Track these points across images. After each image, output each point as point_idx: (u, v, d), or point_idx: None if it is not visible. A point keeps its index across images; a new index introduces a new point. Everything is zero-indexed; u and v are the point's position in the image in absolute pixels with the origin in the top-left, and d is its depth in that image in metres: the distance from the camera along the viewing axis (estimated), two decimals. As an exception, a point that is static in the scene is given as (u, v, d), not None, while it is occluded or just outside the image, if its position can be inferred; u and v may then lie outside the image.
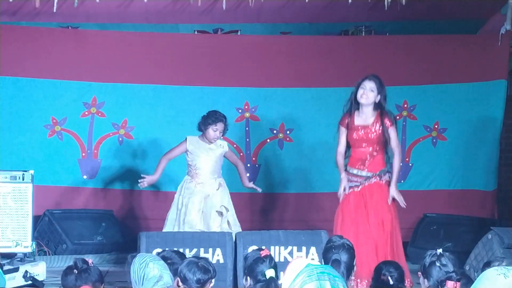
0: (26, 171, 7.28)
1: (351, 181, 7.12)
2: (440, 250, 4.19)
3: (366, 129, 7.16)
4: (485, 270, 4.05)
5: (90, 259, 4.77)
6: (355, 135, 7.17)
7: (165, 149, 9.35)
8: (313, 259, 6.81)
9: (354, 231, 6.91)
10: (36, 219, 8.03)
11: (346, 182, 7.12)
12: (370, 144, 7.15)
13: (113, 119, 9.41)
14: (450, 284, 4.10)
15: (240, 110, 9.44)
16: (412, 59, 9.44)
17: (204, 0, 8.28)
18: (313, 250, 6.93)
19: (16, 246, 7.15)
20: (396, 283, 4.68)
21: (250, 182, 8.00)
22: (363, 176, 7.11)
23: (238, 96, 9.46)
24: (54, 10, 8.10)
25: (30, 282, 6.92)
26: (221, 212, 7.60)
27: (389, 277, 4.68)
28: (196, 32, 9.66)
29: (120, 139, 9.41)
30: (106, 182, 9.37)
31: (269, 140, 9.52)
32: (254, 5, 8.16)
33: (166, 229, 7.58)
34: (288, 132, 9.50)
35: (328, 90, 9.41)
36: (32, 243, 7.23)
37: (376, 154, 7.14)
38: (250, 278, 4.67)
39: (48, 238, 8.74)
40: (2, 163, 8.58)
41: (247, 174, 9.21)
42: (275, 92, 9.48)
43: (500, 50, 9.17)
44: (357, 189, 7.09)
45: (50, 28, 9.36)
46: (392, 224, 7.00)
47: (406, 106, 9.48)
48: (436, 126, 9.48)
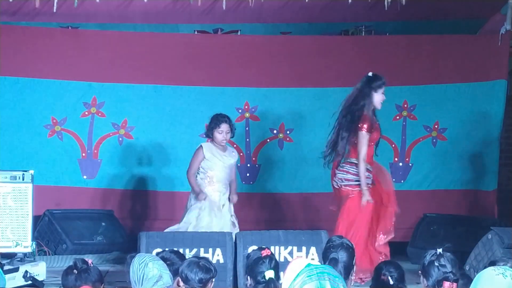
0: (26, 171, 7.26)
1: (368, 177, 7.32)
2: (440, 250, 4.19)
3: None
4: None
5: (90, 259, 4.76)
6: (376, 135, 7.46)
7: (165, 149, 9.37)
8: (313, 259, 6.81)
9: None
10: (36, 219, 8.01)
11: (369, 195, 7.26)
12: None
13: (113, 119, 9.40)
14: (447, 284, 4.10)
15: (240, 110, 9.44)
16: (412, 59, 9.44)
17: (204, 0, 8.28)
18: (313, 250, 6.93)
19: (16, 246, 7.14)
20: (396, 283, 4.68)
21: (233, 199, 7.73)
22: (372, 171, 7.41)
23: (238, 96, 9.45)
24: (54, 10, 8.09)
25: (30, 282, 6.91)
26: (234, 222, 7.58)
27: (389, 277, 4.68)
28: (196, 32, 9.66)
29: (120, 139, 9.41)
30: (106, 182, 9.36)
31: (269, 140, 9.52)
32: (254, 5, 8.16)
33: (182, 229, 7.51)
34: (288, 132, 9.50)
35: (328, 90, 9.41)
36: (32, 243, 7.22)
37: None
38: (250, 278, 4.67)
39: (48, 238, 8.74)
40: (2, 163, 8.58)
41: (247, 174, 9.25)
42: (275, 92, 9.47)
43: (500, 50, 9.18)
44: (372, 185, 7.37)
45: (50, 28, 9.36)
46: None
47: (406, 106, 9.48)
48: (436, 126, 9.47)
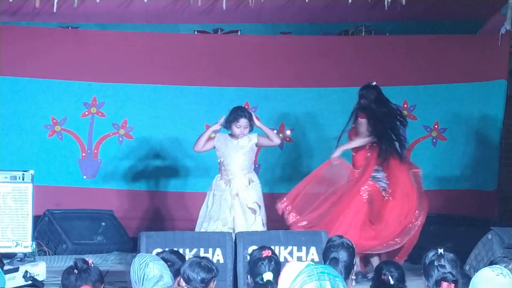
0: (26, 171, 7.26)
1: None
2: (441, 250, 4.18)
3: None
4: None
5: (90, 259, 4.75)
6: None
7: (165, 149, 9.37)
8: (313, 259, 6.81)
9: None
10: (36, 219, 8.01)
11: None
12: None
13: (113, 119, 9.40)
14: (445, 285, 4.10)
15: (240, 110, 9.43)
16: (412, 59, 9.44)
17: (204, 0, 8.28)
18: (313, 250, 6.93)
19: (16, 246, 7.14)
20: (396, 283, 4.68)
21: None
22: None
23: (238, 96, 9.44)
24: (54, 10, 8.09)
25: (30, 282, 6.90)
26: (253, 209, 7.48)
27: (389, 277, 4.68)
28: (196, 32, 9.65)
29: (120, 139, 9.41)
30: (106, 182, 9.36)
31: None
32: (254, 5, 8.16)
33: (197, 227, 7.51)
34: (288, 132, 9.49)
35: (328, 90, 9.41)
36: (32, 243, 7.21)
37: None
38: (250, 277, 4.68)
39: (48, 238, 8.74)
40: (2, 163, 8.58)
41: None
42: (275, 92, 9.47)
43: (500, 50, 9.17)
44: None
45: (50, 28, 9.36)
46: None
47: (406, 106, 9.47)
48: (436, 126, 9.47)
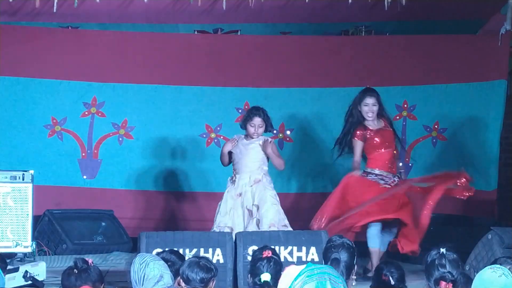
0: (26, 171, 7.25)
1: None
2: (443, 250, 4.19)
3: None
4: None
5: (90, 259, 4.76)
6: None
7: (165, 148, 9.37)
8: (313, 259, 6.82)
9: None
10: (36, 219, 8.01)
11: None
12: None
13: (113, 119, 9.40)
14: (443, 284, 4.11)
15: (240, 110, 9.42)
16: (412, 59, 9.43)
17: (204, 0, 8.28)
18: (313, 250, 6.92)
19: (16, 246, 7.13)
20: (397, 283, 4.69)
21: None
22: None
23: (238, 96, 9.45)
24: (54, 10, 8.09)
25: (30, 282, 6.90)
26: (250, 210, 7.41)
27: (390, 277, 4.68)
28: (196, 32, 9.65)
29: (120, 139, 9.40)
30: (106, 182, 9.35)
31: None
32: (254, 5, 8.16)
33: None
34: (288, 132, 9.49)
35: (328, 90, 9.41)
36: (32, 243, 7.21)
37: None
38: (251, 277, 4.68)
39: (48, 238, 8.73)
40: (2, 163, 8.57)
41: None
42: (275, 92, 9.46)
43: (500, 50, 9.16)
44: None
45: (50, 28, 9.35)
46: None
47: (406, 106, 9.47)
48: (436, 126, 9.47)
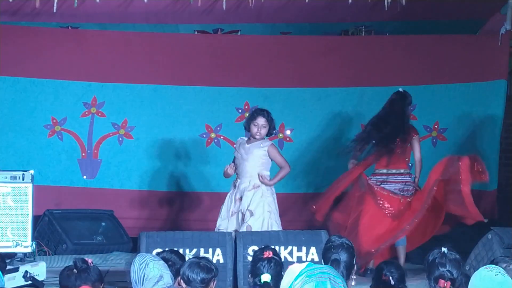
0: (26, 171, 7.25)
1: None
2: (444, 249, 4.19)
3: None
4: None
5: (90, 259, 4.76)
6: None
7: (165, 149, 9.36)
8: (313, 259, 6.82)
9: None
10: (36, 219, 8.01)
11: None
12: None
13: (113, 119, 9.40)
14: (442, 282, 4.11)
15: (240, 110, 9.43)
16: (412, 59, 9.43)
17: (204, 0, 8.28)
18: (313, 250, 6.93)
19: (16, 246, 7.13)
20: (397, 283, 4.69)
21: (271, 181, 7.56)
22: None
23: (238, 96, 9.45)
24: (54, 10, 8.08)
25: (30, 282, 6.90)
26: (244, 214, 7.37)
27: (390, 277, 4.69)
28: (196, 32, 9.65)
29: (120, 139, 9.40)
30: (106, 182, 9.36)
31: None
32: (254, 5, 8.15)
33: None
34: (288, 132, 9.49)
35: (328, 90, 9.41)
36: (32, 243, 7.21)
37: None
38: (251, 277, 4.68)
39: (48, 238, 8.74)
40: (2, 163, 8.57)
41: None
42: (275, 92, 9.46)
43: (500, 50, 9.17)
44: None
45: (50, 28, 9.35)
46: None
47: (406, 106, 9.47)
48: (436, 126, 9.47)
